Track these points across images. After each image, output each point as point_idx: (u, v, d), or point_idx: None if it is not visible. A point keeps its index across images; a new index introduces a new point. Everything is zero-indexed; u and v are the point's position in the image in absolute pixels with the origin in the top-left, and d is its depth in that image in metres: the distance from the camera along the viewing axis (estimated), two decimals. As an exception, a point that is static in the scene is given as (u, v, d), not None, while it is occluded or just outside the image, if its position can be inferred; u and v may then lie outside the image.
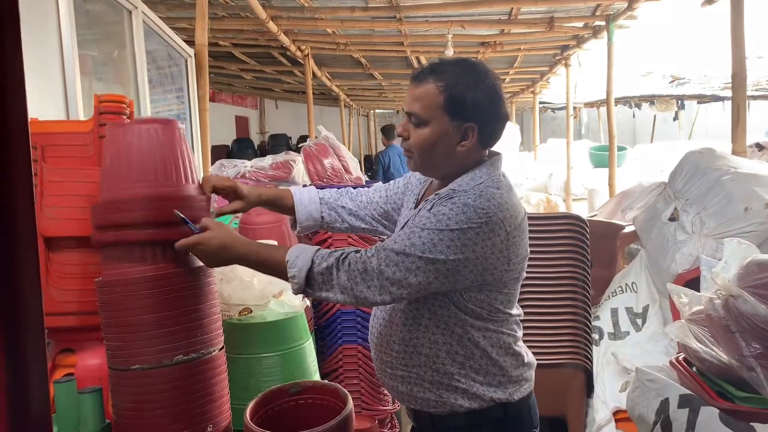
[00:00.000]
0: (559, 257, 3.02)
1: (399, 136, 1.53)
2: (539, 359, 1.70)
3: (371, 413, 2.77)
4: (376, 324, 1.62)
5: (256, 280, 2.15)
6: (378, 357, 1.61)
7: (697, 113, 12.56)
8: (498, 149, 1.58)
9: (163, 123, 1.56)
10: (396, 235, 1.45)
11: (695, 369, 2.13)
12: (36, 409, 0.75)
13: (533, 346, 2.16)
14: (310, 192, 1.75)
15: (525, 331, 1.64)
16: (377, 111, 18.39)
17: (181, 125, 1.63)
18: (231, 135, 13.16)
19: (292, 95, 13.36)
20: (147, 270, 1.48)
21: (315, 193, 1.75)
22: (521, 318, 1.59)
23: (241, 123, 14.24)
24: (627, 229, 3.56)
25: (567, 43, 7.15)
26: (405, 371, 1.53)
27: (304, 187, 1.80)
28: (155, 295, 1.46)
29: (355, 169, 3.65)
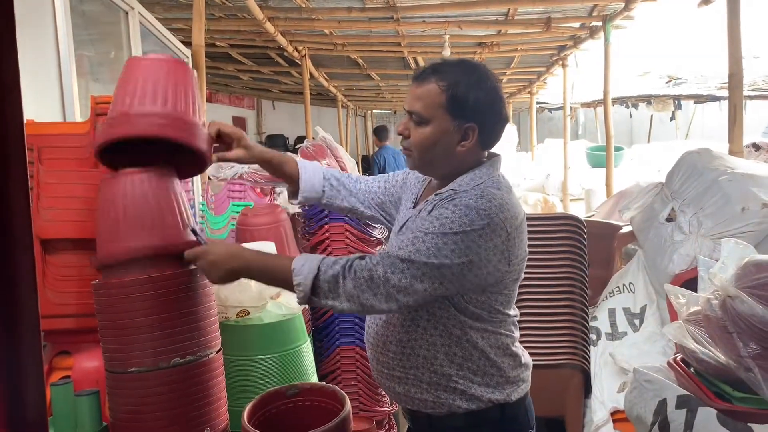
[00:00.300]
0: (557, 258, 3.02)
1: (399, 134, 1.52)
2: (537, 360, 1.70)
3: (369, 415, 2.77)
4: (372, 325, 1.61)
5: (253, 281, 2.14)
6: (375, 358, 1.61)
7: (694, 113, 12.59)
8: (495, 150, 1.58)
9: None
10: (400, 241, 1.44)
11: (693, 369, 2.13)
12: (32, 412, 0.75)
13: (531, 346, 2.16)
14: (314, 164, 1.74)
15: (522, 332, 1.65)
16: (375, 111, 18.39)
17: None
18: (228, 136, 13.12)
19: (289, 96, 13.36)
20: (143, 273, 1.48)
21: (319, 167, 1.74)
22: (518, 319, 1.59)
23: (239, 124, 14.23)
24: (624, 230, 3.57)
25: (564, 44, 7.16)
26: (402, 372, 1.53)
27: (306, 161, 1.78)
28: (152, 298, 1.46)
29: (353, 170, 3.64)
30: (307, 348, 2.18)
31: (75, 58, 2.75)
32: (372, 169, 8.10)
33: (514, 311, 1.55)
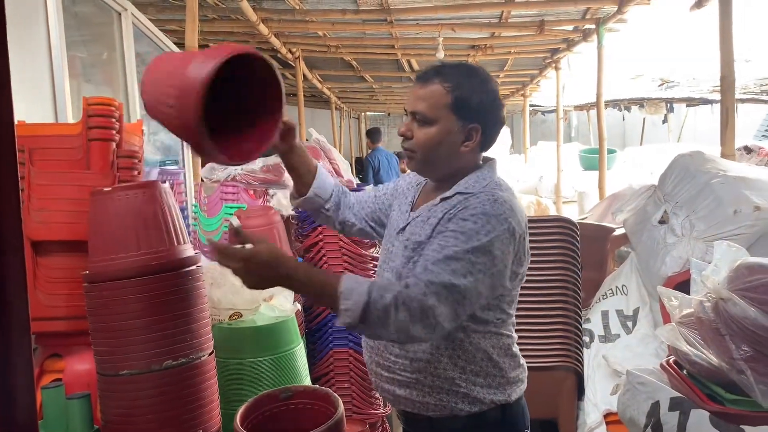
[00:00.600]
0: (550, 260, 3.03)
1: (401, 135, 1.52)
2: (530, 362, 1.70)
3: (362, 417, 2.76)
4: None
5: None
6: (374, 361, 1.59)
7: (686, 116, 12.65)
8: (489, 152, 1.59)
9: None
10: (434, 266, 1.36)
11: (685, 372, 2.14)
12: (22, 415, 0.74)
13: (524, 349, 2.15)
14: (328, 174, 1.75)
15: (516, 334, 1.65)
16: (368, 114, 18.38)
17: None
18: (221, 138, 13.10)
19: (282, 98, 13.32)
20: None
21: (331, 177, 1.75)
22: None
23: (232, 125, 14.16)
24: (617, 232, 3.57)
25: (557, 47, 7.18)
26: (404, 376, 1.52)
27: None
28: (144, 300, 1.45)
29: (347, 172, 3.64)
30: (301, 350, 2.17)
31: (67, 58, 2.73)
32: (366, 171, 8.08)
33: (513, 311, 1.56)
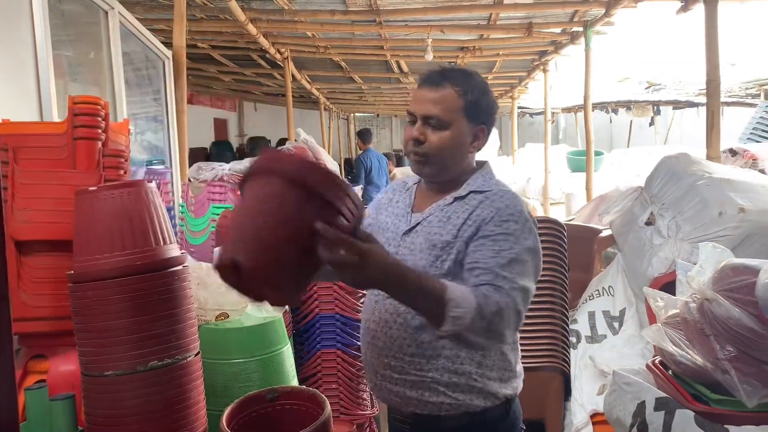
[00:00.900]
0: (538, 261, 3.03)
1: (413, 140, 1.53)
2: (517, 363, 1.71)
3: (350, 418, 2.76)
4: (381, 328, 1.55)
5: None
6: (382, 363, 1.55)
7: (673, 119, 12.77)
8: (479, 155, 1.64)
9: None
10: (504, 270, 1.39)
11: (671, 372, 2.15)
12: (3, 416, 0.73)
13: (512, 349, 2.15)
14: None
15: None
16: (357, 114, 18.38)
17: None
18: (209, 137, 13.04)
19: (271, 98, 13.30)
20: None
21: None
22: None
23: (220, 125, 14.12)
24: (604, 233, 3.60)
25: (545, 49, 7.22)
26: (418, 376, 1.50)
27: None
28: (129, 300, 1.44)
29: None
30: (288, 351, 2.16)
31: (53, 57, 2.71)
32: (358, 171, 8.06)
33: None
